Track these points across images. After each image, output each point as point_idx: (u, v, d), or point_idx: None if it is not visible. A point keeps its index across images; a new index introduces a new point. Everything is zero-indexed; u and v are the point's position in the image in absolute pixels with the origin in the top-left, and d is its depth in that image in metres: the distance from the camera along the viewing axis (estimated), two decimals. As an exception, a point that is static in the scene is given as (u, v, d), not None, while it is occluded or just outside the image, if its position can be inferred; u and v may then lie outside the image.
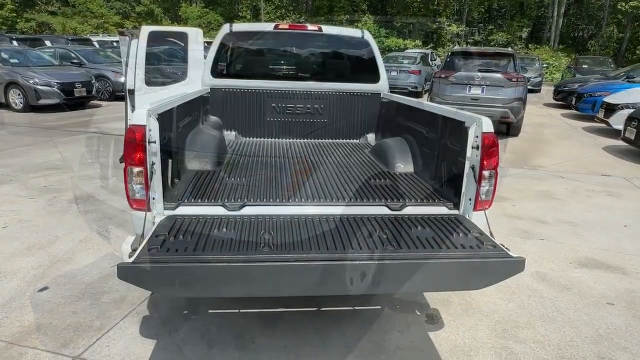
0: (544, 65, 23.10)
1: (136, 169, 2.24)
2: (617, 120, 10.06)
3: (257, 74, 4.53)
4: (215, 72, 4.45)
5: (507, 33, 34.46)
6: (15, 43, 16.93)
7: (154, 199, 2.32)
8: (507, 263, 1.97)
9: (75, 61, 14.13)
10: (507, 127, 9.78)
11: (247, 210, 2.49)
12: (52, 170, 6.32)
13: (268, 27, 4.46)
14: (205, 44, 4.96)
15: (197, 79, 4.53)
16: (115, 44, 19.38)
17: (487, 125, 2.43)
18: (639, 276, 3.82)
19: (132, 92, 4.57)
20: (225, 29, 4.45)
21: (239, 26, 4.55)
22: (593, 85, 13.62)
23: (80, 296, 3.21)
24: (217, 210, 2.46)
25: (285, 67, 4.75)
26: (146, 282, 1.78)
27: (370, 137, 4.74)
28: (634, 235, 4.74)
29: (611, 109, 10.43)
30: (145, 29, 4.63)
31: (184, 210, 2.44)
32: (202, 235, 2.06)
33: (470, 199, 2.55)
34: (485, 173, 2.46)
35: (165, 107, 2.61)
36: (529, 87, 11.29)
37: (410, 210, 2.60)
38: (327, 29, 4.45)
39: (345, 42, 4.54)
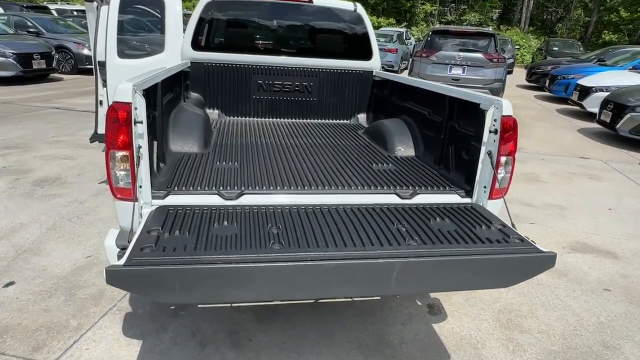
0: (516, 47, 23.35)
1: (120, 154, 1.94)
2: (592, 103, 10.23)
3: (242, 48, 4.19)
4: (196, 45, 4.09)
5: (479, 14, 34.59)
6: (-38, 9, 15.54)
7: (140, 187, 2.03)
8: (539, 258, 1.82)
9: (32, 30, 13.09)
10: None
11: (246, 199, 2.24)
12: (11, 150, 5.80)
13: None
14: (185, 17, 4.55)
15: (176, 51, 4.16)
16: (75, 12, 18.13)
17: (508, 108, 2.26)
18: (629, 261, 3.83)
19: (102, 64, 4.15)
20: None
21: None
22: (566, 68, 13.81)
23: (53, 292, 2.90)
24: (212, 200, 2.20)
25: (272, 40, 4.42)
26: (141, 287, 1.53)
27: (362, 118, 4.52)
28: (619, 218, 4.78)
29: (585, 91, 10.58)
30: (116, -5, 4.18)
31: (174, 199, 2.17)
32: (201, 231, 1.81)
33: (485, 187, 2.40)
34: (503, 159, 2.30)
35: (150, 82, 2.29)
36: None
37: (420, 198, 2.42)
38: (318, 0, 4.15)
39: (337, 14, 4.25)
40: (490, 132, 2.31)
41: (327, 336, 2.64)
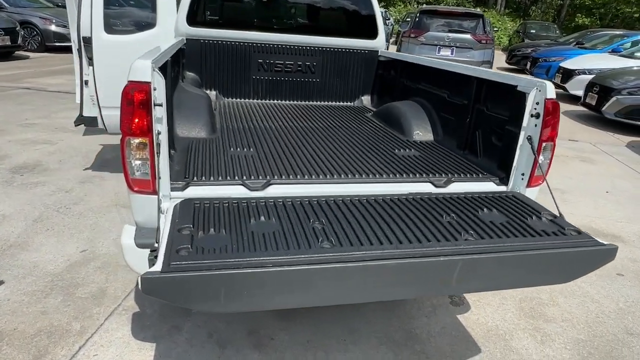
0: (495, 29, 23.44)
1: (137, 141, 1.71)
2: (575, 86, 10.33)
3: (242, 23, 3.91)
4: (192, 20, 3.78)
5: (456, -6, 34.48)
6: None
7: (159, 178, 1.81)
8: (600, 252, 1.72)
9: (-8, 4, 12.19)
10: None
11: (273, 190, 2.04)
12: (-18, 133, 5.35)
13: None
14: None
15: (169, 27, 3.84)
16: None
17: (551, 91, 2.12)
18: (636, 244, 3.84)
19: (87, 40, 3.78)
20: None
21: None
22: (547, 50, 13.91)
23: (48, 291, 2.64)
24: (237, 191, 2.00)
25: (274, 16, 4.14)
26: (182, 297, 1.33)
27: (366, 100, 4.33)
28: (617, 201, 4.81)
29: (568, 74, 10.66)
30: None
31: (194, 191, 1.95)
32: (238, 228, 1.61)
33: (523, 174, 2.27)
34: (545, 145, 2.18)
35: (163, 58, 2.04)
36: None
37: (456, 186, 2.28)
38: None
39: None
40: (531, 116, 2.17)
41: (352, 332, 2.51)
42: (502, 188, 2.35)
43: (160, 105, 1.75)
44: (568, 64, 11.01)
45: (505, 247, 1.63)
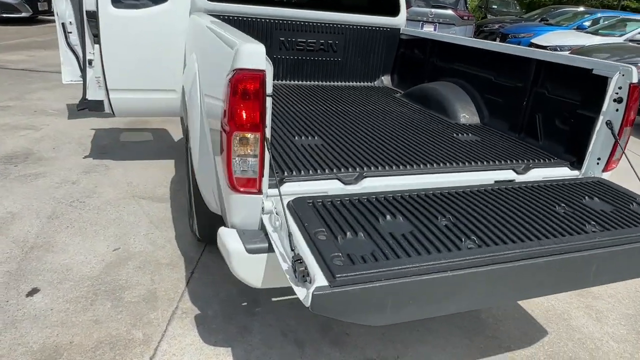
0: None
1: (250, 136, 1.52)
2: (547, 62, 10.64)
3: None
4: (211, -7, 3.47)
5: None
6: None
7: (262, 176, 1.64)
8: None
9: None
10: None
11: (367, 184, 1.92)
12: (-49, 119, 4.79)
13: None
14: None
15: (184, 0, 3.51)
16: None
17: (636, 76, 2.11)
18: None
19: (92, 15, 3.40)
20: None
21: None
22: (515, 27, 14.19)
23: (92, 297, 2.41)
24: (333, 186, 1.86)
25: None
26: (350, 311, 1.21)
27: (386, 80, 4.21)
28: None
29: (540, 50, 10.95)
30: None
31: (291, 188, 1.79)
32: (371, 230, 1.49)
33: (599, 159, 2.28)
34: (625, 129, 2.19)
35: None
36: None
37: (535, 173, 2.26)
38: None
39: None
40: (613, 100, 2.16)
41: (423, 322, 2.48)
42: (576, 172, 2.35)
43: (270, 95, 1.57)
44: (539, 41, 11.30)
45: (631, 239, 1.62)
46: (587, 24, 13.02)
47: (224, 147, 1.57)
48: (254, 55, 1.48)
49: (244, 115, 1.51)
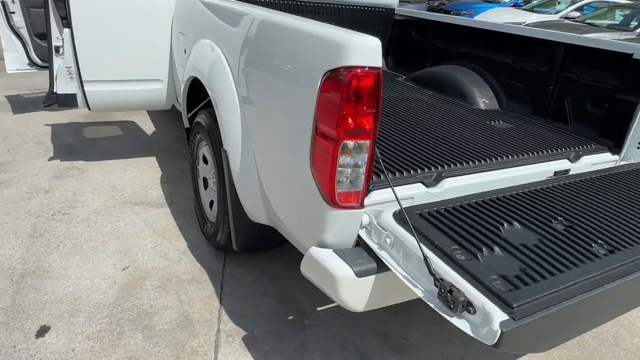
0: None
1: (363, 144, 1.31)
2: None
3: None
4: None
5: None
6: None
7: (366, 188, 1.44)
8: None
9: None
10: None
11: (448, 184, 1.79)
12: None
13: None
14: None
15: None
16: None
17: (680, 60, 2.15)
18: None
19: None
20: None
21: None
22: (455, 4, 14.55)
23: (118, 329, 2.08)
24: (417, 190, 1.70)
25: None
26: (535, 342, 1.08)
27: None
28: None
29: (483, 27, 11.33)
30: None
31: (380, 196, 1.61)
32: (500, 242, 1.36)
33: (639, 143, 2.32)
34: (668, 114, 2.23)
35: None
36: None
37: (586, 160, 2.25)
38: None
39: None
40: None
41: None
42: (616, 157, 2.38)
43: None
44: (482, 18, 11.69)
45: None
46: (522, 0, 13.68)
47: (324, 158, 1.34)
48: (370, 50, 1.26)
49: (355, 120, 1.29)
